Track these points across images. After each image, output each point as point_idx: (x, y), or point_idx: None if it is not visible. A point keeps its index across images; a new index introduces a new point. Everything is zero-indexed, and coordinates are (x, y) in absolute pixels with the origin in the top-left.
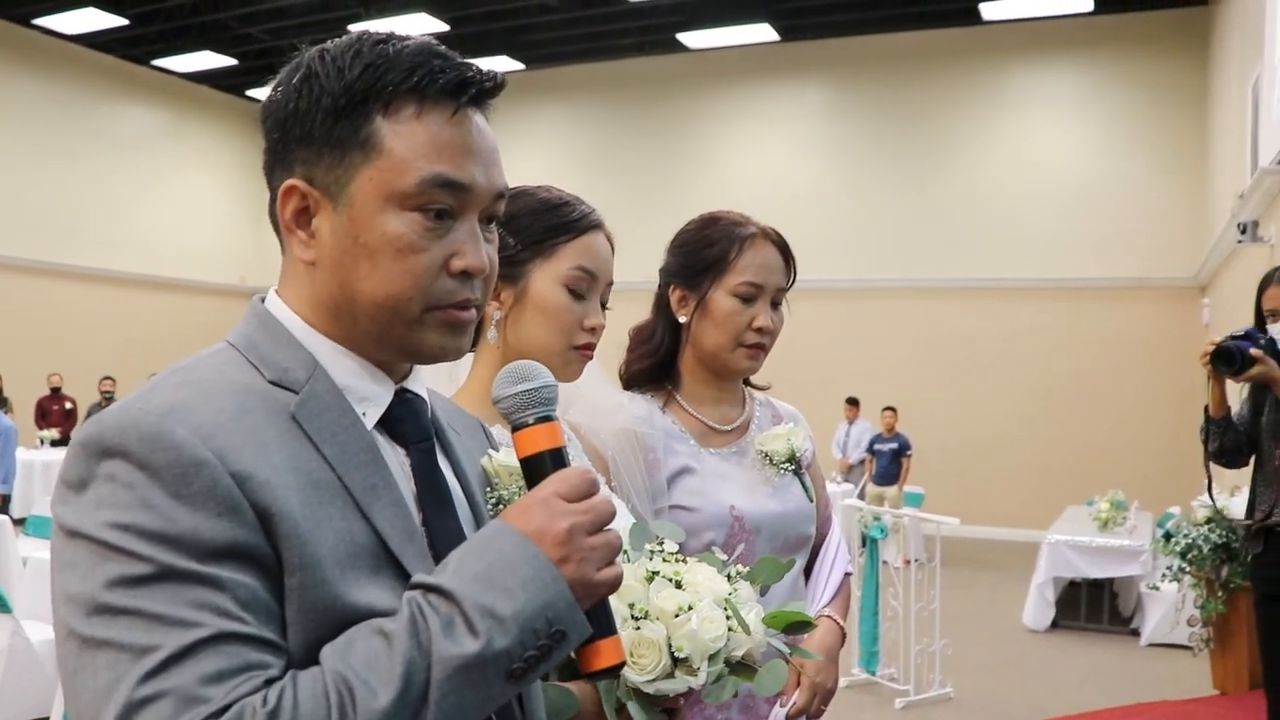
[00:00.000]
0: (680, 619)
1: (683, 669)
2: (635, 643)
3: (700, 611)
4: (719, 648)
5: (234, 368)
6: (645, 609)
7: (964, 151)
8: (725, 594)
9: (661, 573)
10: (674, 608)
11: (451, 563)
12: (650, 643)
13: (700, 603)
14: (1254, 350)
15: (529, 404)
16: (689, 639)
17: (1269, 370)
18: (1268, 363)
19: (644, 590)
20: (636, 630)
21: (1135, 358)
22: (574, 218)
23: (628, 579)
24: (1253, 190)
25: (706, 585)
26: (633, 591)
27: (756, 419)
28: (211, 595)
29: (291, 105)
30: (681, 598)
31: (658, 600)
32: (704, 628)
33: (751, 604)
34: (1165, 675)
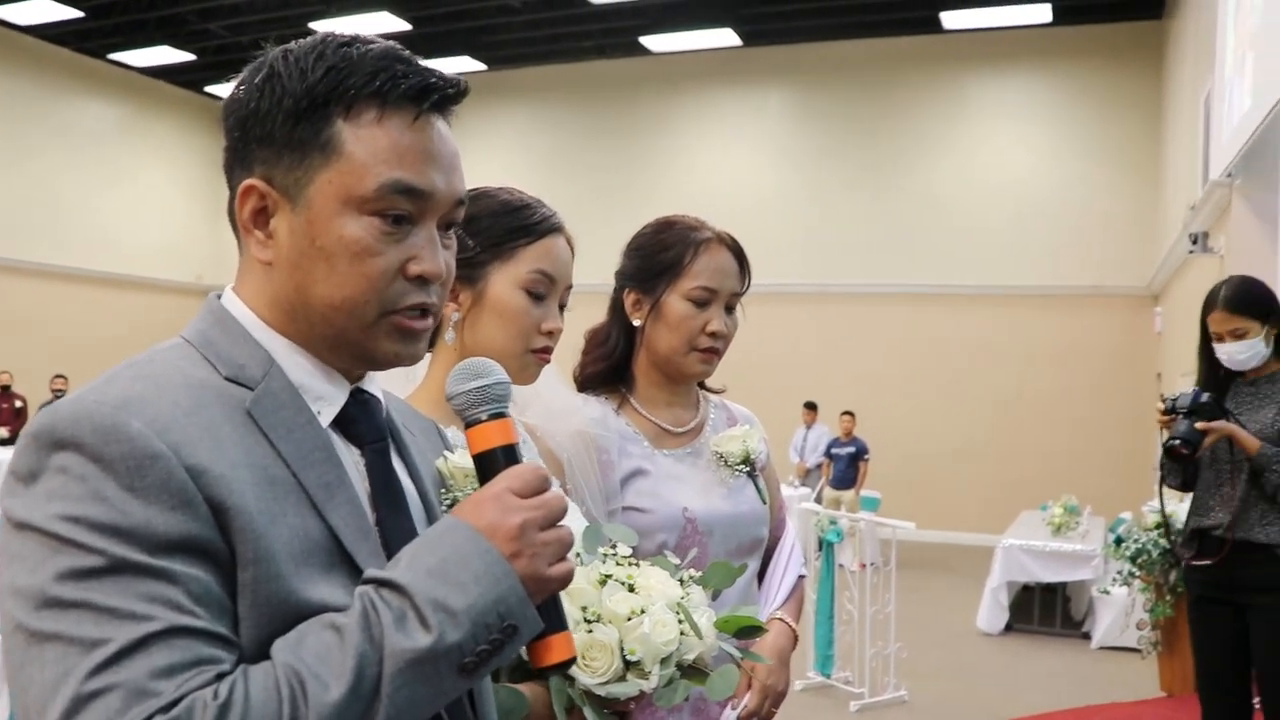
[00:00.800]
0: (633, 622)
1: (634, 672)
2: (588, 645)
3: (653, 615)
4: (671, 651)
5: (189, 363)
6: (598, 612)
7: (923, 158)
8: (678, 598)
9: (614, 576)
10: (626, 611)
11: (404, 557)
12: (602, 645)
13: (653, 606)
14: (1200, 425)
15: (482, 400)
16: (641, 642)
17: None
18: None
19: (596, 593)
20: (589, 633)
21: (1090, 365)
22: (534, 220)
23: (580, 582)
24: (1204, 202)
25: (659, 589)
26: (585, 594)
27: (711, 421)
28: (164, 589)
29: (253, 104)
30: (634, 601)
31: (610, 603)
32: (656, 631)
33: (703, 608)
34: (1115, 678)
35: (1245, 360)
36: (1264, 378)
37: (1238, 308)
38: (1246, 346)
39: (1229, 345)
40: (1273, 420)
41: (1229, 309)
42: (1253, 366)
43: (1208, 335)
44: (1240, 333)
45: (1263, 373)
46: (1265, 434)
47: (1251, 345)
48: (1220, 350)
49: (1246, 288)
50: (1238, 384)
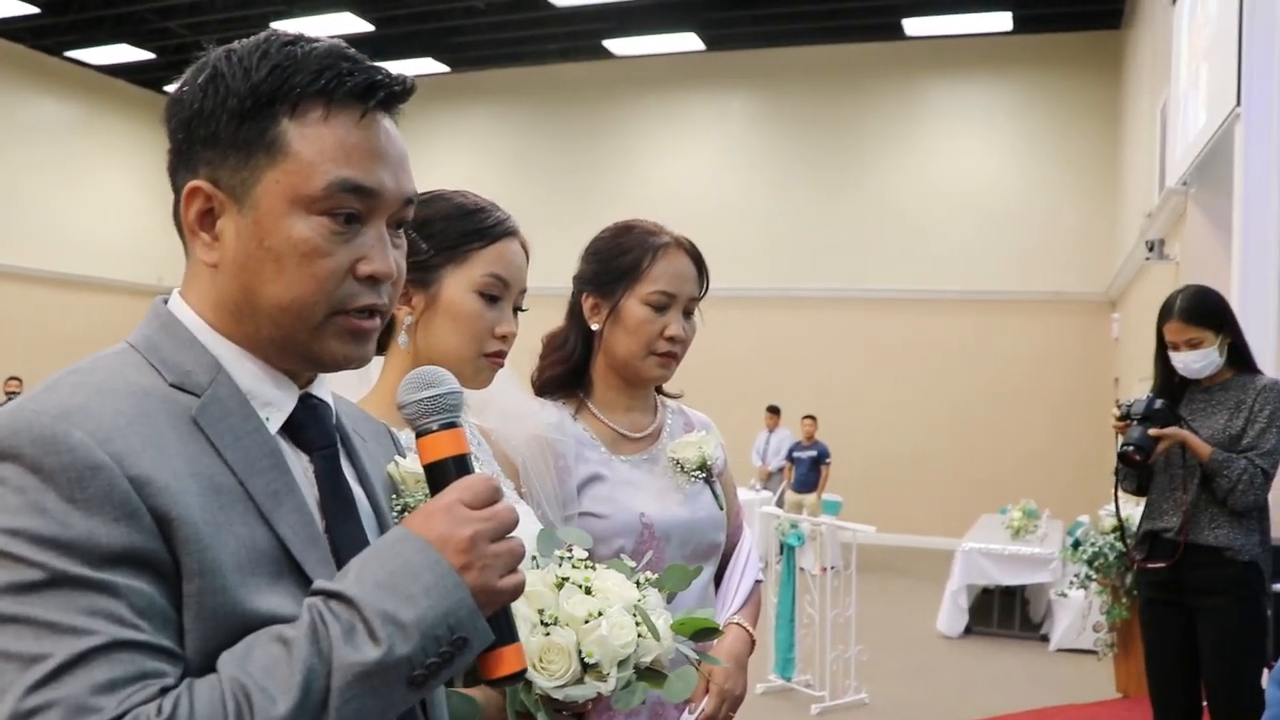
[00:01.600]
0: (590, 625)
1: (592, 675)
2: (545, 649)
3: (610, 617)
4: (629, 654)
5: (134, 370)
6: (555, 615)
7: (885, 164)
8: (635, 600)
9: (571, 579)
10: (584, 614)
11: (353, 569)
12: (560, 649)
13: (610, 609)
14: (1153, 432)
15: (433, 410)
16: (599, 645)
17: (1175, 439)
18: (1171, 435)
19: (553, 596)
20: (546, 636)
21: (1048, 370)
22: (489, 224)
23: (537, 585)
24: (1160, 209)
25: (616, 591)
26: (542, 598)
27: (668, 427)
28: (106, 602)
29: (196, 105)
30: (591, 604)
31: (568, 606)
32: (614, 634)
33: (660, 610)
34: (1072, 679)
35: (1200, 369)
36: (1218, 385)
37: (1193, 318)
38: (1201, 356)
39: (1184, 354)
40: (1224, 426)
41: (1184, 319)
42: (1207, 375)
43: (1163, 343)
44: (1195, 342)
45: (1216, 380)
46: (1217, 439)
47: (1206, 354)
48: (1176, 359)
49: (1201, 298)
50: (1192, 391)
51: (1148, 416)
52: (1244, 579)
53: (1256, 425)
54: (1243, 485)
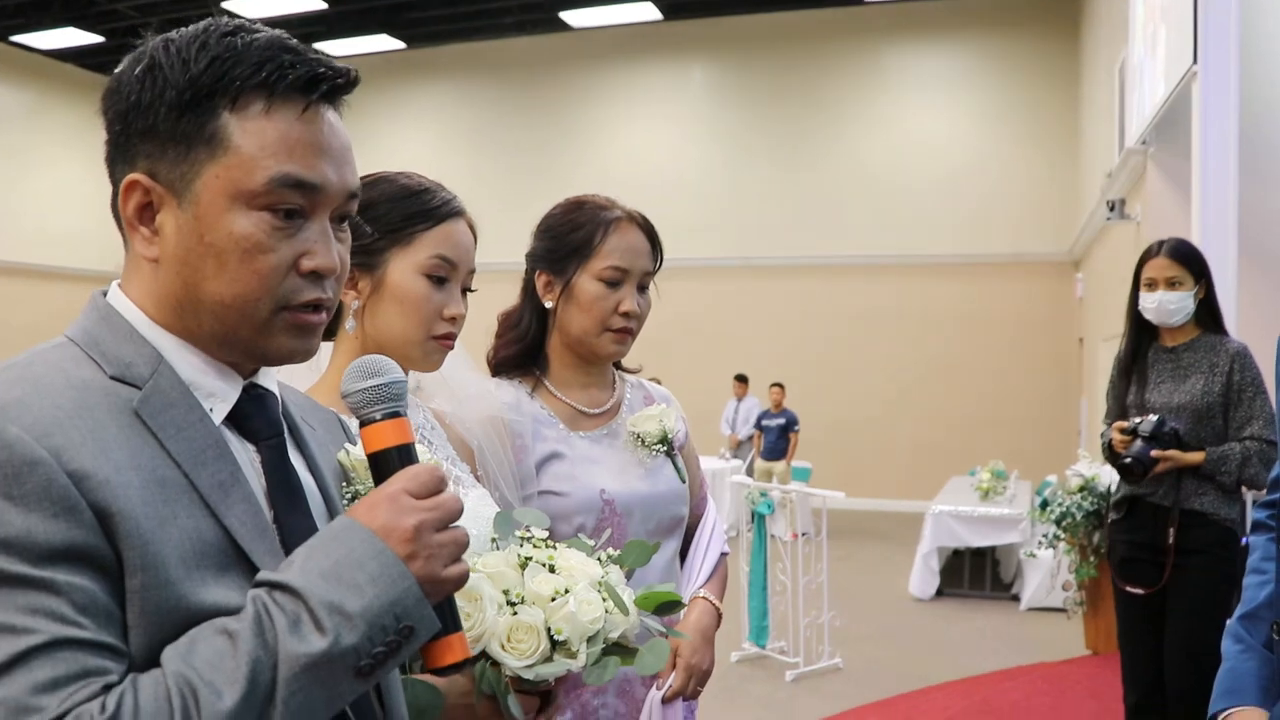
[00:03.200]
0: (557, 602)
1: (561, 652)
2: (513, 628)
3: (577, 594)
4: (598, 629)
5: (73, 363)
6: (521, 594)
7: (843, 131)
8: (599, 577)
9: (535, 558)
10: (550, 591)
11: (297, 559)
12: (528, 628)
13: (577, 586)
14: (1155, 452)
15: (376, 399)
16: (567, 621)
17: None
18: (1173, 457)
19: (518, 576)
20: (514, 616)
21: (1014, 332)
22: (434, 205)
23: (500, 565)
24: (1120, 169)
25: (580, 569)
26: (506, 578)
27: (628, 401)
28: (46, 600)
29: (134, 97)
30: (557, 582)
31: (533, 585)
32: (582, 609)
33: (621, 587)
34: (1043, 638)
35: (1174, 312)
36: (1183, 345)
37: (1179, 257)
38: (1179, 298)
39: (1162, 294)
40: (1202, 392)
41: (1171, 256)
42: (1177, 322)
43: (1137, 293)
44: (1175, 282)
45: (1181, 339)
46: (1195, 405)
47: (1183, 298)
48: (1150, 300)
49: (1190, 245)
50: (1157, 350)
51: (1154, 436)
52: (1223, 540)
53: (1244, 399)
54: (1252, 466)
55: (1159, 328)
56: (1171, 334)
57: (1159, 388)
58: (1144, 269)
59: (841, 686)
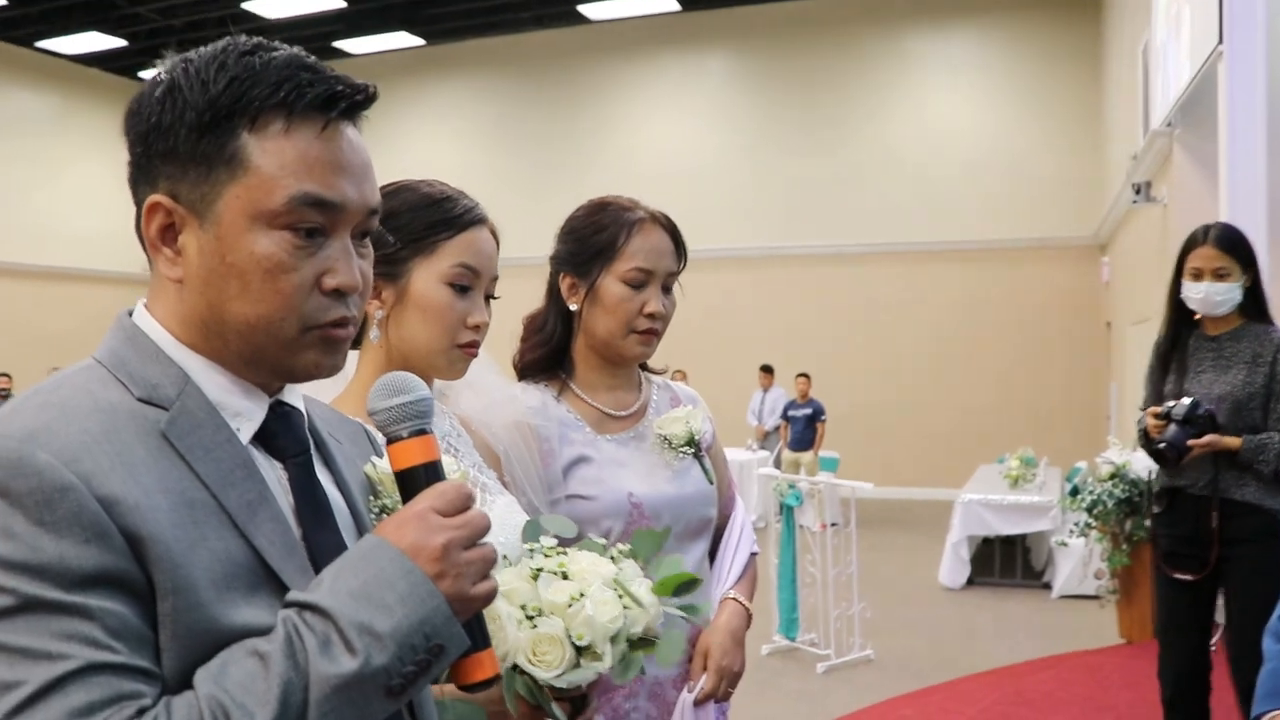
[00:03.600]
0: (574, 608)
1: (587, 656)
2: (536, 641)
3: (592, 596)
4: (618, 628)
5: (100, 385)
6: (538, 606)
7: (865, 117)
8: (612, 575)
9: (546, 568)
10: (566, 598)
11: (326, 579)
12: (551, 638)
13: (590, 588)
14: (1191, 442)
15: (403, 417)
16: (587, 625)
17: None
18: (1208, 443)
19: (532, 589)
20: (534, 629)
21: (1039, 317)
22: (456, 213)
23: (514, 581)
24: (1145, 151)
25: (592, 570)
26: (521, 593)
27: (654, 403)
28: (79, 625)
29: (154, 118)
30: (571, 587)
31: (548, 595)
32: (599, 611)
33: (637, 579)
34: (1075, 626)
35: (1220, 303)
36: (1225, 334)
37: (1227, 246)
38: (1225, 289)
39: (1208, 285)
40: (1244, 383)
41: (1219, 246)
42: (1222, 313)
43: (1179, 279)
44: (1223, 273)
45: (1224, 328)
46: (1236, 395)
47: (1230, 289)
48: (1195, 290)
49: (1237, 232)
50: (1198, 338)
51: (1188, 420)
52: (1270, 528)
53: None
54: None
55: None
56: (1214, 323)
57: (1199, 377)
58: (1189, 257)
59: (873, 678)
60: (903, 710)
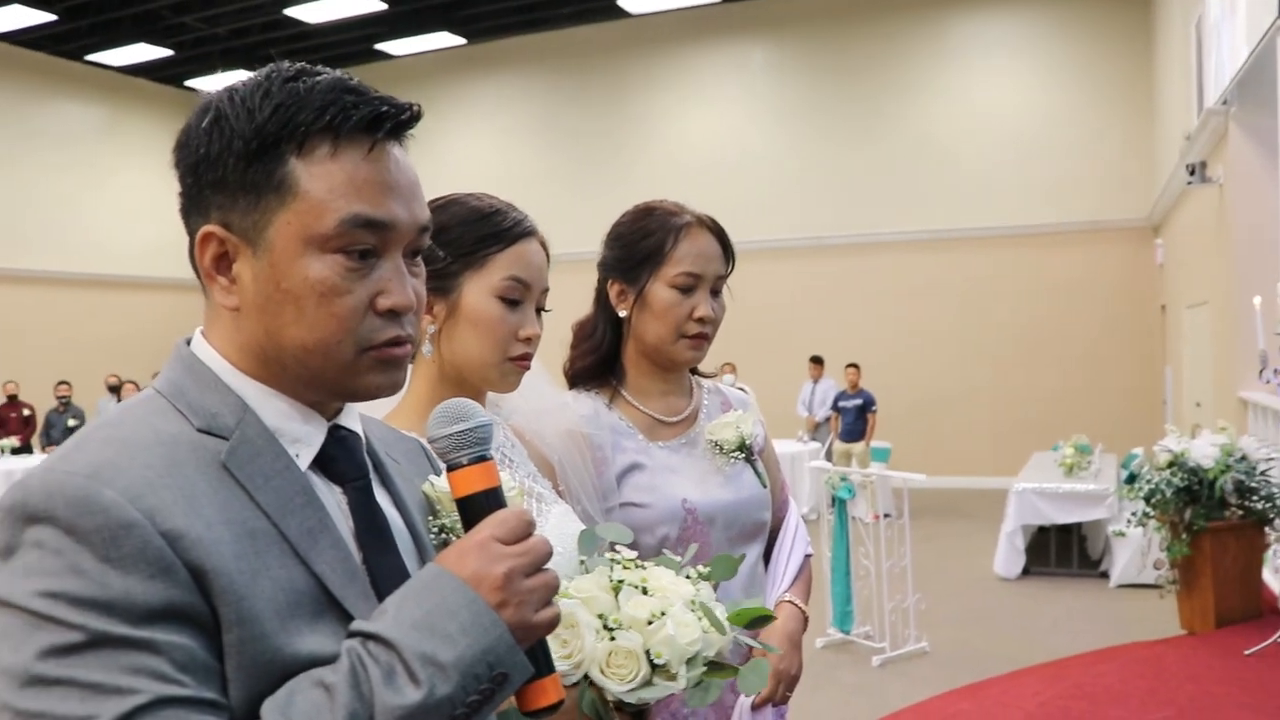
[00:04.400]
0: (654, 626)
1: (661, 675)
2: (612, 653)
3: (674, 616)
4: (696, 650)
5: (161, 418)
6: (618, 619)
7: (911, 103)
8: (691, 596)
9: (627, 580)
10: (646, 615)
11: (390, 609)
12: (628, 652)
13: (672, 608)
14: None
15: (463, 445)
16: (667, 645)
17: None
18: None
19: (611, 600)
20: (612, 641)
21: (1092, 301)
22: (505, 226)
23: (593, 590)
24: (1199, 131)
25: (674, 589)
26: (600, 602)
27: (705, 408)
28: (147, 659)
29: (202, 149)
30: (653, 604)
31: (629, 609)
32: (680, 632)
33: (713, 603)
34: (1134, 616)
35: None
36: None
37: None
38: None
39: None
40: None
41: None
42: None
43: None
44: None
45: None
46: None
47: None
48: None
49: None
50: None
51: None
52: None
53: None
54: None
55: None
56: None
57: None
58: None
59: (929, 671)
60: (960, 704)
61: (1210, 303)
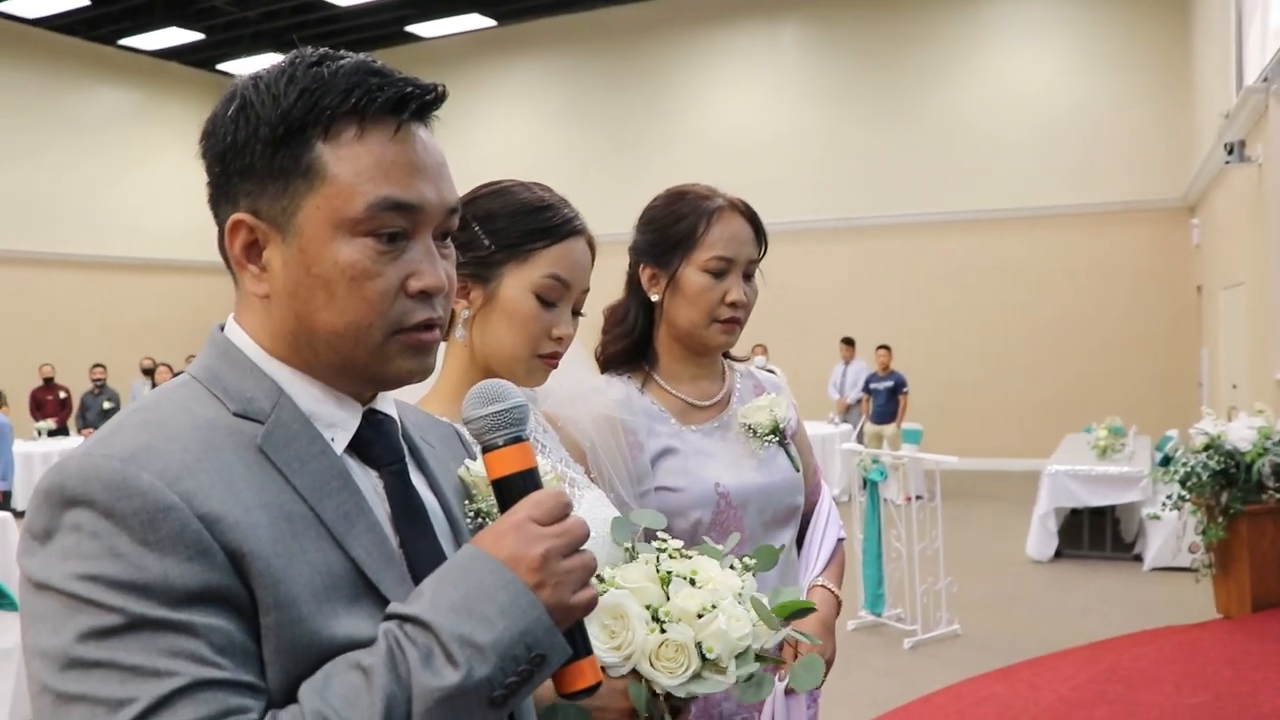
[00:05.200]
0: (705, 619)
1: (711, 669)
2: (660, 645)
3: (725, 610)
4: (747, 644)
5: (197, 402)
6: (668, 611)
7: (943, 83)
8: (739, 588)
9: (676, 571)
10: (696, 607)
11: (426, 591)
12: (679, 645)
13: (723, 601)
14: None
15: (499, 425)
16: (718, 639)
17: None
18: None
19: (659, 591)
20: (663, 634)
21: (1126, 281)
22: (555, 223)
23: (642, 580)
24: (1239, 109)
25: (723, 582)
26: (648, 593)
27: (738, 391)
28: (186, 642)
29: (229, 138)
30: (703, 597)
31: (679, 601)
32: (732, 626)
33: (756, 594)
34: (1169, 600)
35: None
36: None
37: None
38: None
39: None
40: None
41: None
42: None
43: None
44: None
45: None
46: None
47: None
48: None
49: None
50: None
51: None
52: None
53: None
54: None
55: None
56: None
57: None
58: None
59: (961, 654)
60: (992, 687)
61: (1247, 284)
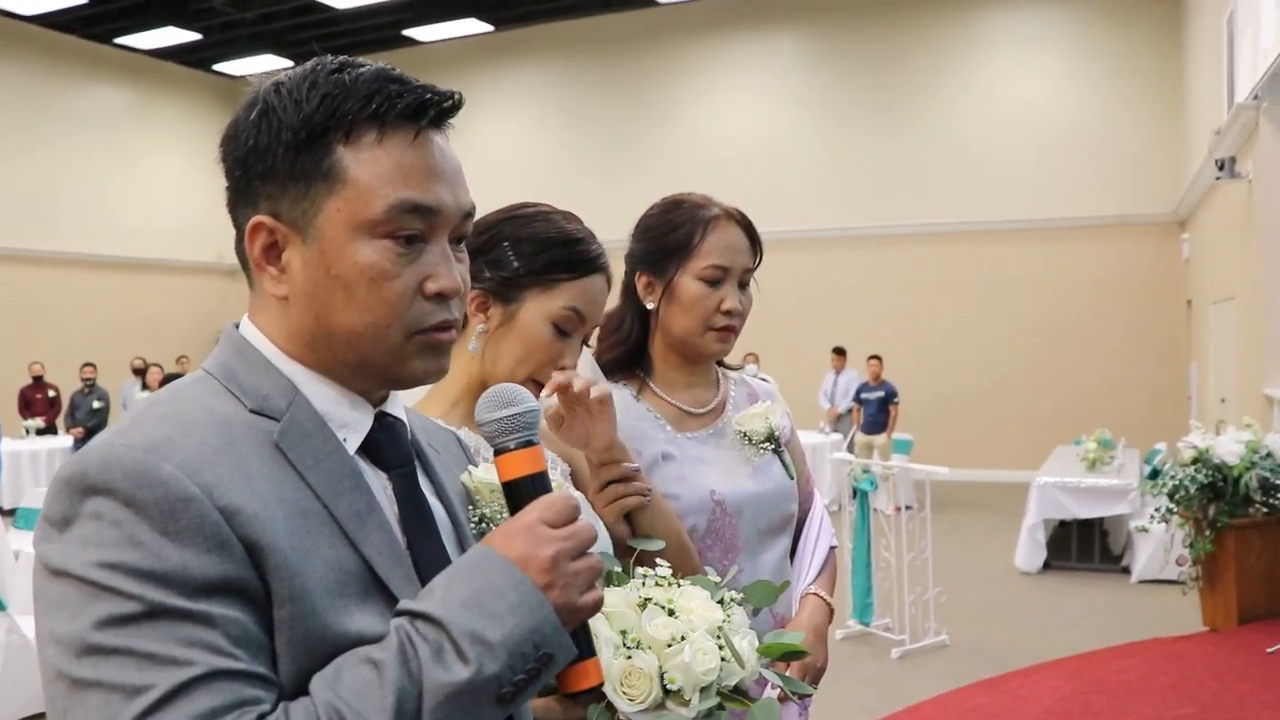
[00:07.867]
0: (673, 649)
1: (674, 700)
2: (626, 672)
3: (693, 642)
4: (711, 680)
5: (214, 397)
6: (637, 638)
7: (938, 95)
8: (719, 622)
9: (654, 599)
10: (667, 637)
11: (437, 588)
12: (642, 673)
13: (694, 633)
14: None
15: (511, 429)
16: (681, 671)
17: None
18: None
19: (636, 617)
20: (628, 659)
21: (1117, 296)
22: (584, 258)
23: (620, 605)
24: (1230, 126)
25: (700, 613)
26: (624, 618)
27: (732, 399)
28: (203, 632)
29: (251, 141)
30: (675, 627)
31: (650, 629)
32: (697, 659)
33: (744, 630)
34: (1156, 612)
35: None
36: None
37: None
38: None
39: None
40: None
41: None
42: None
43: None
44: None
45: None
46: None
47: None
48: None
49: None
50: None
51: None
52: None
53: None
54: None
55: None
56: None
57: None
58: None
59: (949, 664)
60: (979, 698)
61: (1237, 298)
